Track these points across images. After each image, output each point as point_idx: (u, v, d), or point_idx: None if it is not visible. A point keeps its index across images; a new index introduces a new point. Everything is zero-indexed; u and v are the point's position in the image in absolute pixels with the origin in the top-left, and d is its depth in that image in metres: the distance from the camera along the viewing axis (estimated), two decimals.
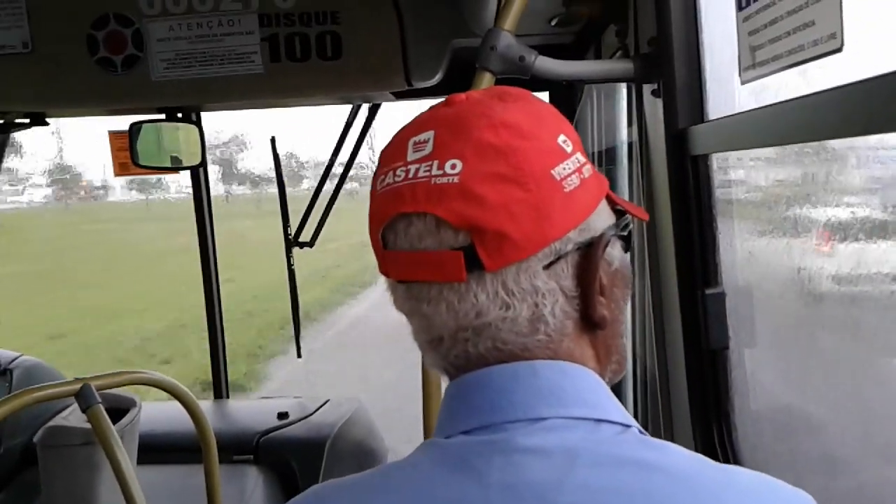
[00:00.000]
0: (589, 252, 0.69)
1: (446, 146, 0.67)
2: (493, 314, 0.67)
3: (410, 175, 0.68)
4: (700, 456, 0.66)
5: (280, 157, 2.50)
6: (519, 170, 0.65)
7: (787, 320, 1.21)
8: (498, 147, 0.66)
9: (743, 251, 1.22)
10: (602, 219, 0.72)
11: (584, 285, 0.69)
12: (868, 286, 0.93)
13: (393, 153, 0.71)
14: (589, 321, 0.70)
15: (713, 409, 1.23)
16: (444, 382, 0.74)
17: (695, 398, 1.24)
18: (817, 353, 1.11)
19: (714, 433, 1.22)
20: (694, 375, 1.24)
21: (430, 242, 0.67)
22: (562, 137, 0.69)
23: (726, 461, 1.18)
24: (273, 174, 2.51)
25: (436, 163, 0.67)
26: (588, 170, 0.70)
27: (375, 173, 0.73)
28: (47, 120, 2.14)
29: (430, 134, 0.69)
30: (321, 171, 2.49)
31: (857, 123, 0.76)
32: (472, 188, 0.65)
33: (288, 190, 2.49)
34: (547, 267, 0.67)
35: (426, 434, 1.26)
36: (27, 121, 2.15)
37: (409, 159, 0.69)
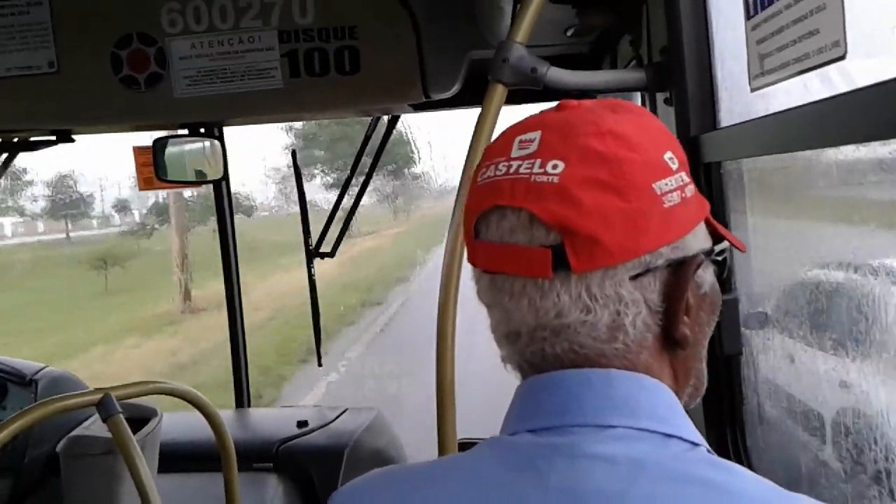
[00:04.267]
0: (680, 270, 0.69)
1: (551, 147, 0.68)
2: (573, 316, 0.67)
3: (512, 170, 0.69)
4: (768, 482, 0.65)
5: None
6: (621, 179, 0.65)
7: None
8: (602, 154, 0.66)
9: None
10: (698, 241, 0.72)
11: (670, 302, 0.69)
12: None
13: (498, 149, 0.72)
14: (670, 338, 0.70)
15: (727, 414, 1.22)
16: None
17: (709, 404, 1.23)
18: None
19: (728, 439, 1.22)
20: (707, 381, 1.24)
21: (521, 237, 0.68)
22: (668, 154, 0.69)
23: None
24: None
25: (538, 161, 0.68)
26: (690, 190, 0.71)
27: (478, 166, 0.75)
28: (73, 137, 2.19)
29: (536, 134, 0.70)
30: None
31: (872, 128, 0.75)
32: (570, 190, 0.65)
33: None
34: (634, 277, 0.67)
35: (441, 442, 1.26)
36: (53, 138, 2.20)
37: (512, 155, 0.70)
